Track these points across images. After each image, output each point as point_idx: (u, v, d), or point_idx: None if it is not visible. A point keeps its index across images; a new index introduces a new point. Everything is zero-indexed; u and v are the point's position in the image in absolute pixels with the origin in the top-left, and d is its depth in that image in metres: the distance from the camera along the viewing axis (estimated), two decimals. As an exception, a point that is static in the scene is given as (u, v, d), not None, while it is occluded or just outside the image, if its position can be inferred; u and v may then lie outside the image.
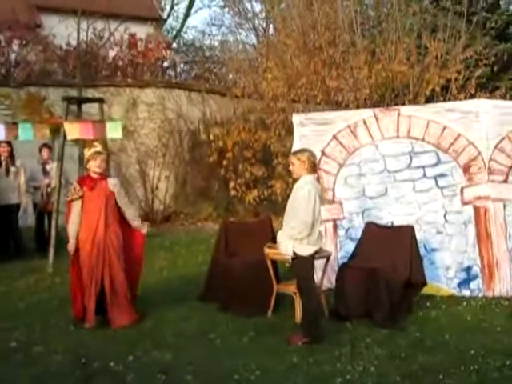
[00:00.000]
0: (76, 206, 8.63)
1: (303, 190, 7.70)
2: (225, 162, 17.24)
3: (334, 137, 10.75)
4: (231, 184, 17.31)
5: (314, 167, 7.91)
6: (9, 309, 9.48)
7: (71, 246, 8.66)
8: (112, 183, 8.83)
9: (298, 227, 7.67)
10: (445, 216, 10.25)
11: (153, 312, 8.96)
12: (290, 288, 8.75)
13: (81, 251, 8.61)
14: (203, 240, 14.33)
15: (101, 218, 8.59)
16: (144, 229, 9.07)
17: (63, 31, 20.09)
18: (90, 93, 16.53)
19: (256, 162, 17.49)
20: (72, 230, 8.65)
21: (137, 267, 9.02)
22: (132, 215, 9.00)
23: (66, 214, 8.85)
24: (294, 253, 7.75)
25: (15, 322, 8.70)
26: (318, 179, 8.15)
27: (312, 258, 7.84)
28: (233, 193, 17.37)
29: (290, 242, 7.76)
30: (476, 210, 10.13)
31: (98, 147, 8.85)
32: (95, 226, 8.58)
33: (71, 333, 8.32)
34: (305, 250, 7.72)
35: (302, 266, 7.81)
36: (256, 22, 30.03)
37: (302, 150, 8.20)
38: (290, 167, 8.05)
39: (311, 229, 7.67)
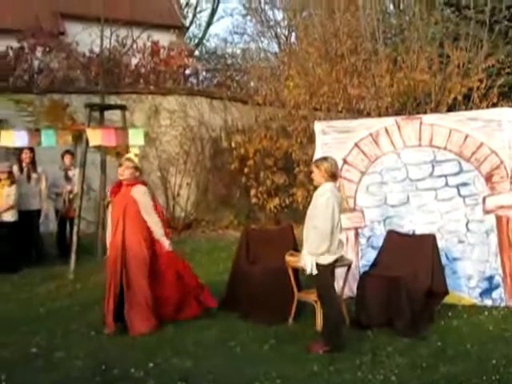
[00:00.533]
0: (108, 212, 8.79)
1: (322, 198, 7.71)
2: (246, 170, 17.22)
3: (356, 145, 10.73)
4: (252, 192, 17.29)
5: (333, 175, 7.90)
6: (30, 314, 9.52)
7: (108, 251, 8.82)
8: (136, 190, 8.84)
9: (317, 240, 7.67)
10: (467, 225, 10.21)
11: (173, 319, 8.95)
12: (311, 296, 8.73)
13: (108, 257, 8.74)
14: (224, 247, 14.33)
15: (119, 223, 8.66)
16: (167, 247, 9.03)
17: (86, 38, 20.22)
18: (113, 100, 16.57)
19: (277, 169, 17.47)
20: (106, 236, 8.83)
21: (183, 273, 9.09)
22: (154, 226, 8.94)
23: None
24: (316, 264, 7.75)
25: (36, 328, 8.74)
26: (339, 187, 8.12)
27: (332, 266, 7.82)
28: (254, 200, 17.34)
29: (309, 258, 7.75)
30: (498, 219, 10.07)
31: (131, 153, 8.95)
32: (114, 232, 8.68)
33: (92, 339, 8.35)
34: (325, 259, 7.71)
35: (322, 274, 7.78)
36: (278, 30, 30.14)
37: (322, 159, 8.20)
38: (312, 175, 8.07)
39: (330, 237, 7.65)
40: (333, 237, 7.69)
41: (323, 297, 7.94)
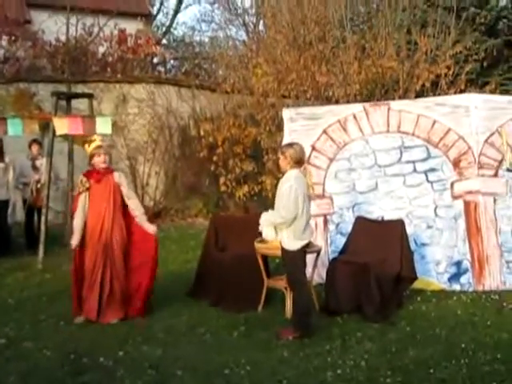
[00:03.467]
0: (82, 199, 8.66)
1: (285, 185, 7.72)
2: (215, 158, 17.15)
3: (325, 131, 10.75)
4: (221, 180, 17.22)
5: (299, 162, 7.87)
6: (-2, 305, 9.45)
7: (75, 240, 8.64)
8: (118, 176, 8.85)
9: (278, 220, 7.71)
10: (435, 210, 10.28)
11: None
12: (281, 283, 8.75)
13: (87, 243, 8.62)
14: (193, 236, 14.30)
15: (108, 210, 8.61)
16: (152, 229, 8.97)
17: (52, 27, 20.03)
18: (80, 89, 16.43)
19: (246, 157, 17.42)
20: (77, 223, 8.66)
21: (150, 265, 8.91)
22: (138, 211, 8.93)
23: (73, 208, 8.87)
24: (283, 248, 7.75)
25: (5, 319, 8.67)
26: (305, 174, 8.10)
27: (302, 252, 7.83)
28: (223, 188, 17.28)
29: (270, 229, 7.77)
30: (466, 204, 10.16)
31: (98, 141, 8.86)
32: (102, 219, 8.59)
33: (61, 329, 8.31)
34: (293, 245, 7.72)
35: (291, 260, 7.80)
36: (246, 17, 30.00)
37: (288, 145, 8.21)
38: (279, 162, 8.07)
39: (292, 223, 7.65)
40: (297, 223, 7.69)
41: (292, 282, 7.95)
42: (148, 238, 8.88)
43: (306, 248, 7.94)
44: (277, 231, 7.81)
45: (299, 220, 7.68)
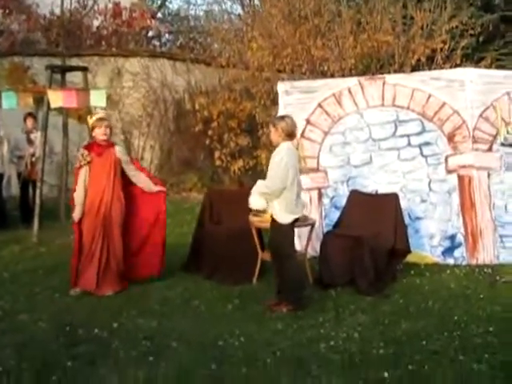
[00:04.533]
0: (83, 173, 8.65)
1: (276, 158, 7.72)
2: (210, 132, 17.16)
3: (319, 105, 10.75)
4: (216, 154, 17.24)
5: (290, 134, 7.85)
6: (-7, 278, 9.47)
7: (77, 214, 8.66)
8: (119, 149, 8.87)
9: (264, 191, 7.76)
10: (429, 184, 10.31)
11: (138, 280, 8.95)
12: (275, 256, 8.77)
13: (86, 216, 8.63)
14: (188, 210, 14.33)
15: (108, 183, 8.63)
16: (161, 188, 9.11)
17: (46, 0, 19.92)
18: (75, 62, 16.33)
19: (241, 131, 17.43)
20: (79, 197, 8.65)
21: (159, 231, 9.11)
22: (144, 180, 9.03)
23: (74, 181, 8.81)
24: (274, 220, 7.78)
25: (0, 292, 8.68)
26: (297, 146, 8.10)
27: (292, 225, 7.84)
28: (218, 163, 17.31)
29: (258, 198, 7.82)
30: (460, 178, 10.19)
31: (101, 113, 8.86)
32: (102, 192, 8.60)
33: (56, 301, 8.33)
34: (285, 218, 7.73)
35: (280, 233, 7.82)
36: (241, -9, 29.82)
37: (279, 118, 8.22)
38: (270, 135, 8.07)
39: (281, 195, 7.66)
40: (288, 195, 7.69)
41: (282, 256, 7.90)
42: (157, 196, 9.05)
43: (298, 222, 7.95)
44: (268, 203, 7.82)
45: (290, 192, 7.66)
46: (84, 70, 13.37)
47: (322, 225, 10.37)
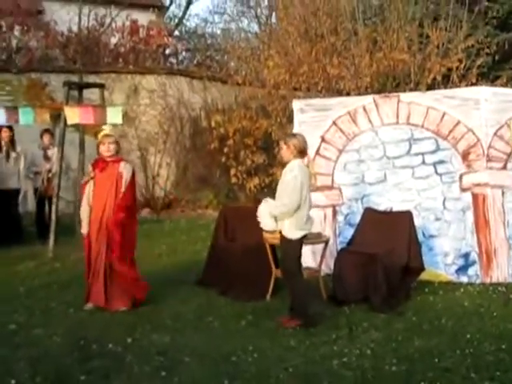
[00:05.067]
0: (88, 188, 8.72)
1: (289, 175, 7.75)
2: (226, 150, 17.24)
3: (334, 123, 10.80)
4: (232, 171, 17.32)
5: (302, 152, 7.88)
6: (9, 293, 9.49)
7: (84, 229, 8.72)
8: (124, 166, 8.86)
9: (280, 209, 7.74)
10: (443, 203, 10.30)
11: (152, 296, 8.94)
12: (289, 273, 8.78)
13: (91, 231, 8.68)
14: (203, 226, 14.35)
15: (109, 199, 8.63)
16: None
17: (65, 17, 20.03)
18: (92, 79, 16.47)
19: (257, 149, 17.52)
20: (83, 212, 8.74)
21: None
22: None
23: (79, 197, 8.91)
24: (283, 236, 7.82)
25: (15, 306, 8.74)
26: (307, 164, 8.14)
27: (300, 242, 7.86)
28: (234, 180, 17.38)
29: (270, 220, 7.83)
30: (474, 196, 10.17)
31: (107, 130, 8.91)
32: (103, 207, 8.62)
33: (71, 316, 8.36)
34: (294, 234, 7.76)
35: (288, 249, 7.86)
36: (258, 10, 30.02)
37: (291, 135, 8.27)
38: (281, 152, 8.10)
39: (294, 213, 7.69)
40: (300, 213, 7.72)
41: (289, 272, 7.95)
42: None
43: (304, 238, 7.97)
44: (277, 221, 7.84)
45: (302, 210, 7.70)
46: (101, 86, 13.49)
47: (335, 242, 10.39)
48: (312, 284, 8.77)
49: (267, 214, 7.88)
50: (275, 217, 7.81)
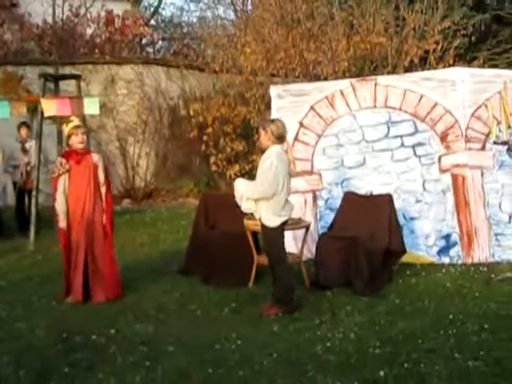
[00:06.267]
0: (63, 181, 8.56)
1: (266, 162, 7.72)
2: (205, 138, 17.17)
3: (312, 108, 10.80)
4: (212, 159, 17.26)
5: (280, 138, 7.84)
6: (-10, 287, 9.48)
7: (62, 223, 8.61)
8: (98, 158, 8.83)
9: (256, 195, 7.75)
10: (423, 185, 10.34)
11: (134, 286, 8.98)
12: (271, 259, 8.78)
13: (70, 225, 8.59)
14: (184, 215, 14.34)
15: (88, 191, 8.57)
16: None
17: (39, 8, 19.87)
18: (68, 70, 16.34)
19: (236, 136, 17.44)
20: (61, 206, 8.59)
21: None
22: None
23: (53, 191, 8.75)
24: (262, 224, 7.83)
25: (-3, 300, 8.71)
26: (286, 150, 8.11)
27: (281, 229, 7.85)
28: (214, 168, 17.33)
29: (250, 202, 7.84)
30: (454, 178, 10.22)
31: (76, 121, 8.82)
32: (83, 200, 8.54)
33: (53, 309, 8.33)
34: (271, 221, 7.76)
35: (269, 237, 7.87)
36: (234, -3, 29.89)
37: (269, 121, 8.18)
38: (259, 138, 8.07)
39: (271, 199, 7.68)
40: (277, 199, 7.70)
41: (272, 259, 7.95)
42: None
43: (287, 224, 7.97)
44: (255, 205, 7.83)
45: (278, 196, 7.68)
46: (77, 77, 13.40)
47: (316, 227, 10.40)
48: (294, 269, 8.77)
49: (243, 197, 7.85)
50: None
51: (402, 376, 5.86)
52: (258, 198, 7.72)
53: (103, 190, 8.75)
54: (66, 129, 8.75)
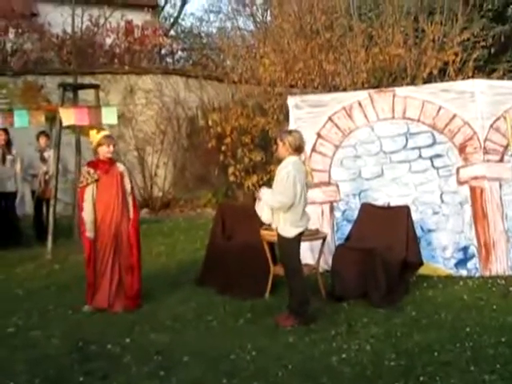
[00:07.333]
0: (90, 191, 8.57)
1: (283, 172, 7.69)
2: (223, 148, 17.19)
3: (330, 119, 10.77)
4: (230, 170, 17.26)
5: (298, 149, 7.82)
6: (8, 295, 9.50)
7: (90, 231, 8.57)
8: (124, 168, 8.90)
9: (276, 204, 7.70)
10: (441, 196, 10.28)
11: (150, 296, 8.97)
12: (287, 270, 8.76)
13: (97, 234, 8.59)
14: (202, 226, 14.33)
15: (116, 200, 8.60)
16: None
17: (58, 18, 19.98)
18: (88, 80, 16.42)
19: (254, 147, 17.45)
20: (89, 216, 8.56)
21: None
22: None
23: (79, 200, 8.76)
24: (279, 234, 7.79)
25: (14, 308, 8.72)
26: (304, 161, 8.08)
27: (297, 239, 7.82)
28: (232, 178, 17.33)
29: (268, 211, 7.81)
30: (472, 189, 10.15)
31: (107, 131, 8.88)
32: (111, 210, 8.57)
33: (69, 318, 8.35)
34: (288, 232, 7.73)
35: (286, 247, 7.83)
36: (254, 8, 29.97)
37: (287, 132, 8.15)
38: (277, 149, 8.05)
39: (289, 209, 7.65)
40: (294, 209, 7.67)
41: (287, 270, 7.93)
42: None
43: (303, 235, 7.94)
44: (273, 215, 7.82)
45: (296, 207, 7.66)
46: (96, 87, 13.45)
47: (333, 238, 10.36)
48: (311, 281, 8.74)
49: (266, 204, 7.82)
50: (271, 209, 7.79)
51: (418, 388, 5.84)
52: (277, 207, 7.69)
53: (130, 199, 8.79)
54: (97, 137, 8.73)
